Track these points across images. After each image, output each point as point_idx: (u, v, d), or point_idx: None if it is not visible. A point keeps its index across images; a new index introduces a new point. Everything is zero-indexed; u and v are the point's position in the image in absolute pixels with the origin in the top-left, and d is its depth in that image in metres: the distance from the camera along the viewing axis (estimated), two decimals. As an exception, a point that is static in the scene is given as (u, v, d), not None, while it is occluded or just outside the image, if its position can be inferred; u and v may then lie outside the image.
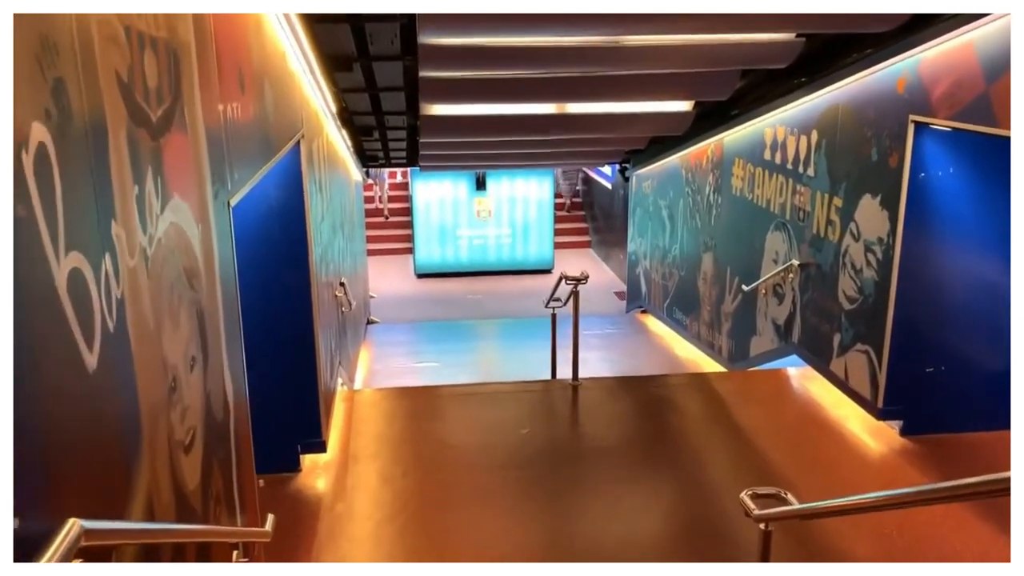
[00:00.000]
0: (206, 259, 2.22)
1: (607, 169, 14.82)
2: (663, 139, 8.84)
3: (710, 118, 7.38)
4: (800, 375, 6.19)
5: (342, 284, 6.21)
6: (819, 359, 5.78)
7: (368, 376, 8.57)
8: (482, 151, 9.32)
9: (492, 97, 6.42)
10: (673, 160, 9.12)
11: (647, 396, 6.01)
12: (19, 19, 1.13)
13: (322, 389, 4.77)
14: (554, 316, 6.89)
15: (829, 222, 5.57)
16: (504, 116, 7.16)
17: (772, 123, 6.45)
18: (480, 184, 14.98)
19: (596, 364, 7.89)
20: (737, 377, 6.79)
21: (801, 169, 5.95)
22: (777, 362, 6.61)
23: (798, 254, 6.04)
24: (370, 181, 15.66)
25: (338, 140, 7.24)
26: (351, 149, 8.80)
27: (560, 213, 16.27)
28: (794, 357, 6.30)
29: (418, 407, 5.79)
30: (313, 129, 5.04)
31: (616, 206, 14.39)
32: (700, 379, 6.60)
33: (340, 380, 6.14)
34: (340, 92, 6.00)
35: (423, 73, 5.47)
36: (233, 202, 2.56)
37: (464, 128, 7.57)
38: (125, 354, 1.57)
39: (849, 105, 5.26)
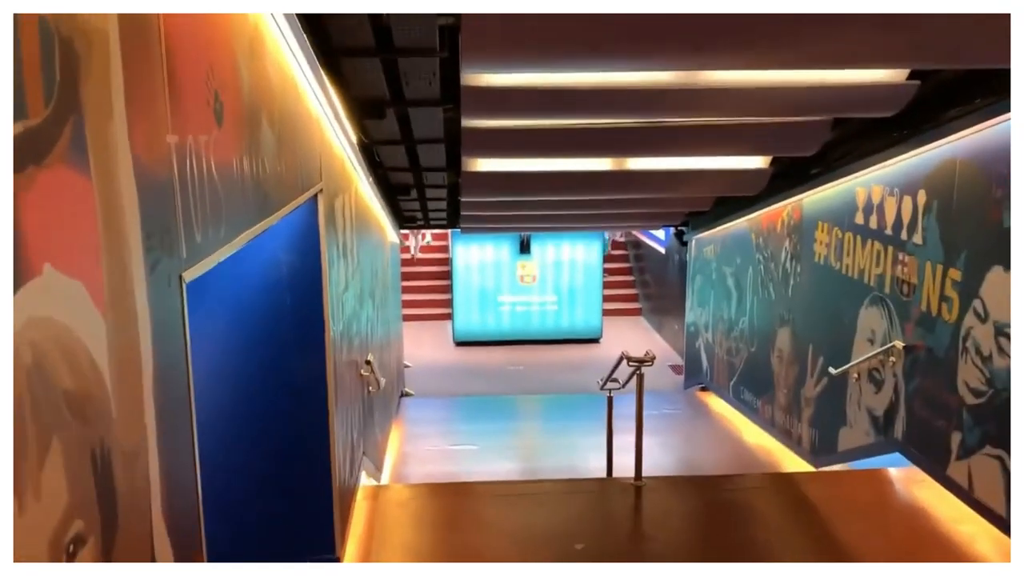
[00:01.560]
0: (123, 367, 1.43)
1: (659, 232, 13.98)
2: (729, 200, 8.02)
3: (788, 177, 6.55)
4: (905, 478, 5.22)
5: (368, 363, 5.42)
6: (932, 461, 4.81)
7: (398, 460, 7.71)
8: (528, 211, 8.58)
9: (542, 151, 5.68)
10: (741, 223, 8.26)
11: (723, 500, 5.08)
12: None
13: (337, 492, 3.94)
14: (610, 400, 6.02)
15: (944, 298, 4.67)
16: (555, 173, 6.41)
17: (865, 182, 5.60)
18: (524, 247, 14.19)
19: (655, 451, 6.95)
20: (827, 479, 5.78)
21: (905, 235, 5.08)
22: (872, 460, 5.63)
23: (901, 334, 5.13)
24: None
25: (371, 197, 6.54)
26: (386, 207, 8.11)
27: (608, 279, 15.36)
28: (893, 455, 5.34)
29: (452, 510, 4.91)
30: (337, 183, 4.32)
31: (670, 272, 13.50)
32: (784, 480, 5.63)
33: (364, 472, 5.30)
34: (372, 144, 5.31)
35: (466, 122, 4.76)
36: (191, 276, 1.79)
37: (510, 187, 6.83)
38: None
39: (971, 160, 4.41)
